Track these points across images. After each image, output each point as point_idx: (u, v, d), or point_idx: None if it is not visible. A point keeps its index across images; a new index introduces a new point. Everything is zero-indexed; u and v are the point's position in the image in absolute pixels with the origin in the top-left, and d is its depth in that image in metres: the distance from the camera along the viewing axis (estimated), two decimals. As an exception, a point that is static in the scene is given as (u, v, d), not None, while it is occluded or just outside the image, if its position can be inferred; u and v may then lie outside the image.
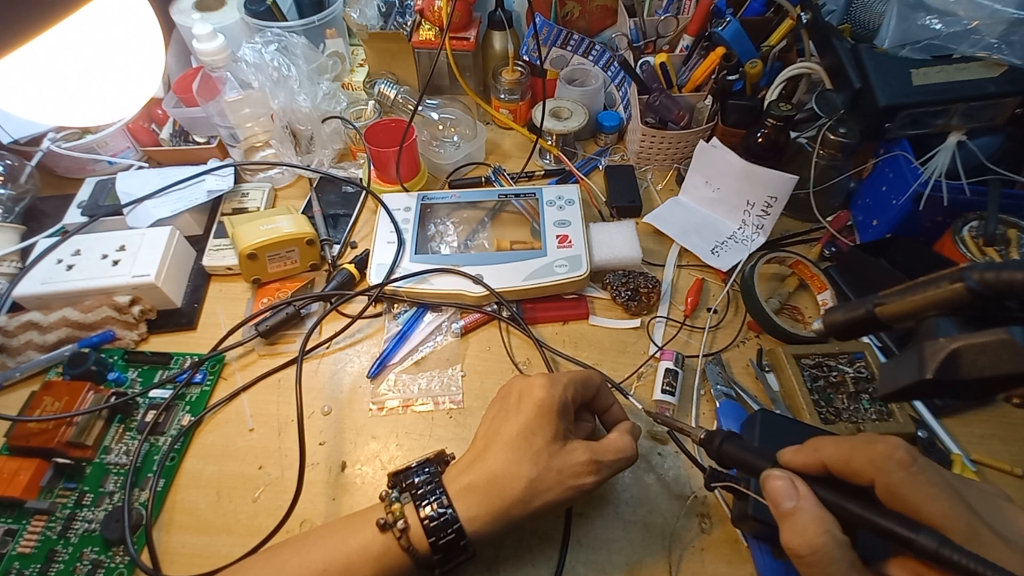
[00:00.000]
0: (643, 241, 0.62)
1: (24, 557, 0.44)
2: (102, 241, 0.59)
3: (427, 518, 0.35)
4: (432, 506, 0.36)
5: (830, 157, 0.62)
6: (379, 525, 0.35)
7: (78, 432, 0.48)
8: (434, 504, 0.36)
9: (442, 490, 0.36)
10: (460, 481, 0.37)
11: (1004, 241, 0.55)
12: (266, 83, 0.65)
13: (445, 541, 0.35)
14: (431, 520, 0.35)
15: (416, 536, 0.35)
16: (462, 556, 0.36)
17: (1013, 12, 0.51)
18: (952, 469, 0.46)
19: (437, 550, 0.35)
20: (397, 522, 0.35)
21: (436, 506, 0.35)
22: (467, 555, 0.36)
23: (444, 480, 0.37)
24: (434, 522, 0.35)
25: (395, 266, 0.59)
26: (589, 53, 0.75)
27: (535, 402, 0.39)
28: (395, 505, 0.36)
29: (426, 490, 0.37)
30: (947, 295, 0.29)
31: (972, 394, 0.29)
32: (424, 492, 0.36)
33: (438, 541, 0.35)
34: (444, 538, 0.35)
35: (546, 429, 0.38)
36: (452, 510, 0.35)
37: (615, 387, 0.51)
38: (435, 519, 0.35)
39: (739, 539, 0.44)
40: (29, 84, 0.35)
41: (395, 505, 0.36)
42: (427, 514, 0.35)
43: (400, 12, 0.76)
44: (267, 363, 0.56)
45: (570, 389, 0.40)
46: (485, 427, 0.41)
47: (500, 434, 0.39)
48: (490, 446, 0.39)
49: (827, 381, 0.52)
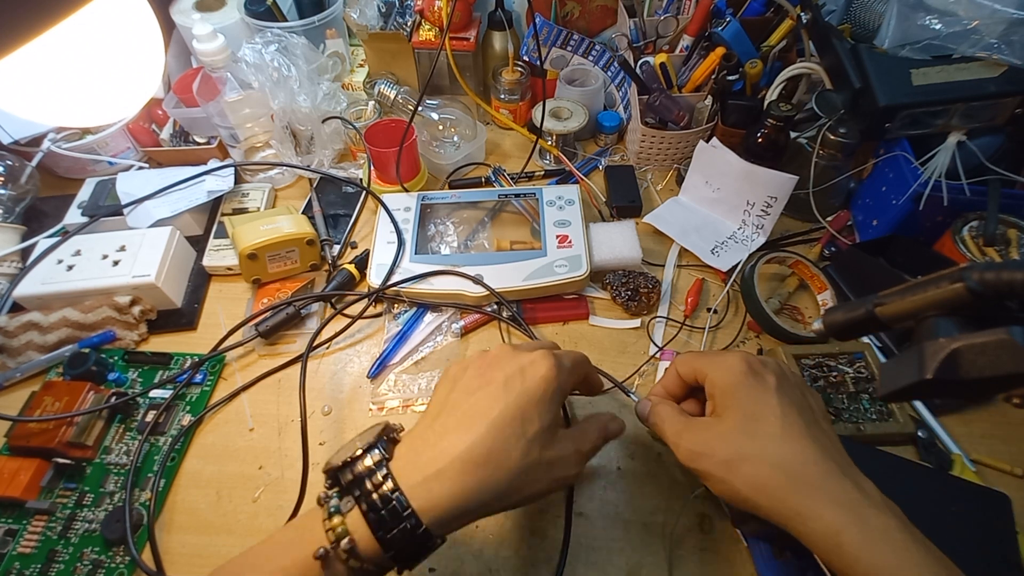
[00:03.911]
0: (643, 241, 0.62)
1: (24, 557, 0.44)
2: (102, 241, 0.59)
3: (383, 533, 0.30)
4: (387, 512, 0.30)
5: (830, 157, 0.62)
6: (317, 558, 0.29)
7: (78, 432, 0.48)
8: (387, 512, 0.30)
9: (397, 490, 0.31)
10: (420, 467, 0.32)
11: (1004, 241, 0.55)
12: (266, 83, 0.65)
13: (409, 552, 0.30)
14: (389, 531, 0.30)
15: (368, 548, 0.30)
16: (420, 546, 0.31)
17: (1013, 12, 0.51)
18: (952, 469, 0.46)
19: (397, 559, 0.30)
20: (341, 541, 0.29)
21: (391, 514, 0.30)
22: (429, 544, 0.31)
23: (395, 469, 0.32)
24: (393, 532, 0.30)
25: (395, 266, 0.59)
26: (589, 53, 0.75)
27: (538, 384, 0.34)
28: (335, 520, 0.30)
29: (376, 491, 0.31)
30: (947, 295, 0.29)
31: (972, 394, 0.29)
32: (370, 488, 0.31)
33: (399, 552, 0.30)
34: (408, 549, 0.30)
35: (544, 416, 0.34)
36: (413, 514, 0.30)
37: (617, 386, 0.51)
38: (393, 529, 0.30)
39: (739, 539, 0.44)
40: (29, 84, 0.35)
41: (335, 520, 0.30)
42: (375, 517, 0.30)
43: (400, 12, 0.76)
44: (267, 363, 0.56)
45: (575, 373, 0.38)
46: (459, 397, 0.35)
47: (484, 413, 0.33)
48: (468, 425, 0.33)
49: (827, 381, 0.52)
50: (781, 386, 0.36)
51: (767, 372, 0.37)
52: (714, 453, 0.35)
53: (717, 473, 0.35)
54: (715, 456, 0.35)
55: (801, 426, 0.35)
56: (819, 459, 0.33)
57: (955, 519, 0.42)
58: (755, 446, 0.34)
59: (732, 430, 0.35)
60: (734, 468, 0.34)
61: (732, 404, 0.36)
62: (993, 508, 0.43)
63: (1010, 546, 0.41)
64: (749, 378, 0.36)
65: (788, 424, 0.34)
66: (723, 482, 0.35)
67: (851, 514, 0.31)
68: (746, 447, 0.34)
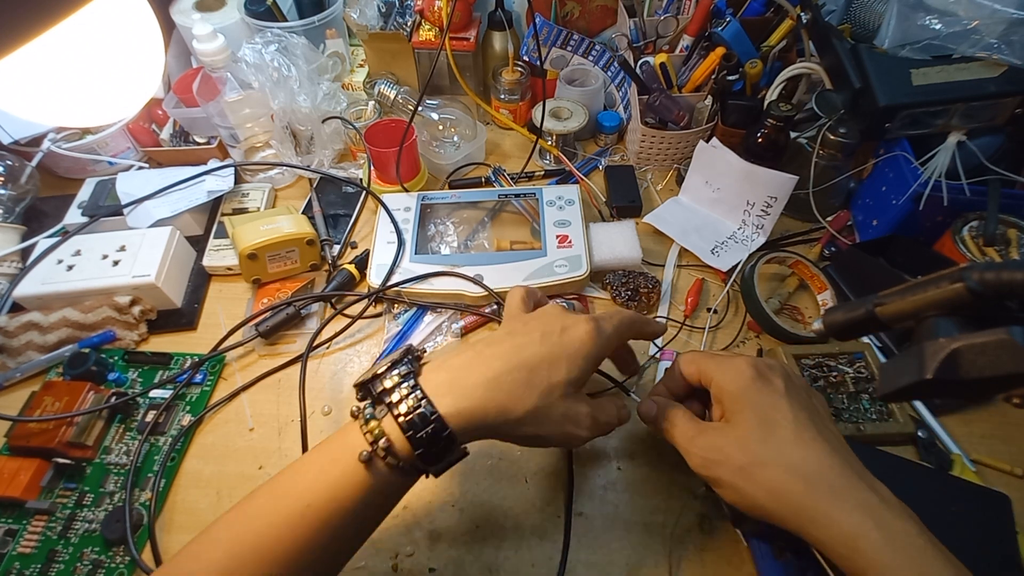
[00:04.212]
0: (643, 241, 0.62)
1: (24, 557, 0.44)
2: (102, 241, 0.59)
3: (412, 432, 0.33)
4: (416, 416, 0.33)
5: (830, 157, 0.62)
6: (362, 461, 0.33)
7: (78, 432, 0.48)
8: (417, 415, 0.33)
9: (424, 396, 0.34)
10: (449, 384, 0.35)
11: (1004, 241, 0.55)
12: (266, 83, 0.65)
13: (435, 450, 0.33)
14: (418, 431, 0.33)
15: (402, 449, 0.33)
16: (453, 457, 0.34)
17: (1013, 12, 0.51)
18: (952, 469, 0.46)
19: (425, 458, 0.33)
20: (379, 441, 0.33)
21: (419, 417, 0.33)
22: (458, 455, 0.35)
23: (425, 384, 0.35)
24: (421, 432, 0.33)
25: (395, 266, 0.59)
26: (589, 53, 0.75)
27: (573, 342, 0.37)
28: (372, 424, 0.33)
29: (405, 397, 0.34)
30: (947, 295, 0.29)
31: (972, 394, 0.29)
32: (401, 399, 0.34)
33: (427, 451, 0.33)
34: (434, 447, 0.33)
35: (571, 371, 0.36)
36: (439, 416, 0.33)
37: (618, 386, 0.51)
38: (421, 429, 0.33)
39: (739, 539, 0.44)
40: (29, 84, 0.35)
41: (372, 424, 0.33)
42: (412, 428, 0.33)
43: (400, 12, 0.76)
44: (267, 363, 0.56)
45: (613, 340, 0.39)
46: (500, 336, 0.38)
47: (520, 355, 0.36)
48: (502, 357, 0.36)
49: (827, 381, 0.52)
50: (789, 390, 0.36)
51: (775, 376, 0.37)
52: (729, 460, 0.35)
53: (732, 480, 0.34)
54: (730, 463, 0.35)
55: (813, 430, 0.35)
56: (834, 463, 0.33)
57: (955, 519, 0.42)
58: (770, 451, 0.34)
59: (746, 436, 0.35)
60: (750, 475, 0.34)
61: (743, 409, 0.36)
62: (993, 508, 0.43)
63: (1010, 546, 0.41)
64: (758, 382, 0.36)
65: (801, 428, 0.34)
66: (737, 490, 0.34)
67: (870, 518, 0.31)
68: (761, 453, 0.34)
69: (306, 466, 0.35)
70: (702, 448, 0.36)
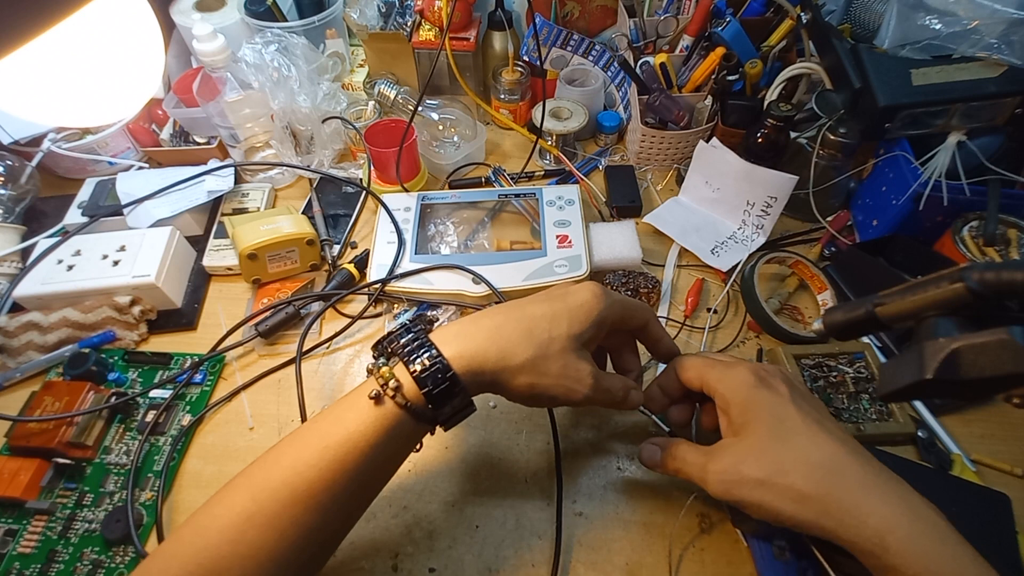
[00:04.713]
0: (643, 241, 0.62)
1: (24, 557, 0.44)
2: (102, 241, 0.59)
3: (417, 371, 0.34)
4: (422, 360, 0.34)
5: (830, 157, 0.62)
6: (372, 397, 0.34)
7: (78, 432, 0.48)
8: (424, 358, 0.34)
9: (430, 343, 0.35)
10: (453, 334, 0.36)
11: (1004, 241, 0.55)
12: (266, 83, 0.65)
13: (439, 390, 0.34)
14: (423, 372, 0.34)
15: (410, 391, 0.34)
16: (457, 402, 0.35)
17: (1013, 12, 0.51)
18: (952, 469, 0.46)
19: (432, 399, 0.34)
20: (388, 382, 0.34)
21: (427, 359, 0.34)
22: (464, 402, 0.36)
23: (432, 337, 0.36)
24: (425, 373, 0.34)
25: (395, 266, 0.59)
26: (589, 53, 0.75)
27: (577, 299, 0.38)
28: (383, 369, 0.35)
29: (413, 347, 0.35)
30: (947, 295, 0.29)
31: (972, 394, 0.29)
32: (412, 349, 0.35)
33: (432, 391, 0.34)
34: (438, 387, 0.34)
35: (573, 325, 0.37)
36: (443, 359, 0.34)
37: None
38: (426, 370, 0.34)
39: (739, 539, 0.44)
40: (29, 84, 0.35)
41: (383, 369, 0.35)
42: (417, 368, 0.34)
43: (400, 12, 0.76)
44: (267, 363, 0.56)
45: (617, 307, 0.39)
46: (507, 303, 0.40)
47: (523, 309, 0.37)
48: (505, 312, 0.38)
49: (827, 381, 0.52)
50: (794, 394, 0.36)
51: (777, 382, 0.37)
52: (747, 477, 0.34)
53: (755, 497, 0.34)
54: (749, 480, 0.34)
55: (825, 432, 0.35)
56: (853, 462, 0.33)
57: (955, 519, 0.42)
58: (788, 458, 0.34)
59: (760, 448, 0.35)
60: (772, 486, 0.33)
61: (752, 420, 0.36)
62: (993, 508, 0.43)
63: (1010, 546, 0.41)
64: (762, 391, 0.36)
65: (814, 430, 0.34)
66: (763, 505, 0.34)
67: (899, 513, 0.31)
68: (780, 461, 0.34)
69: (324, 415, 0.36)
70: (717, 474, 0.36)
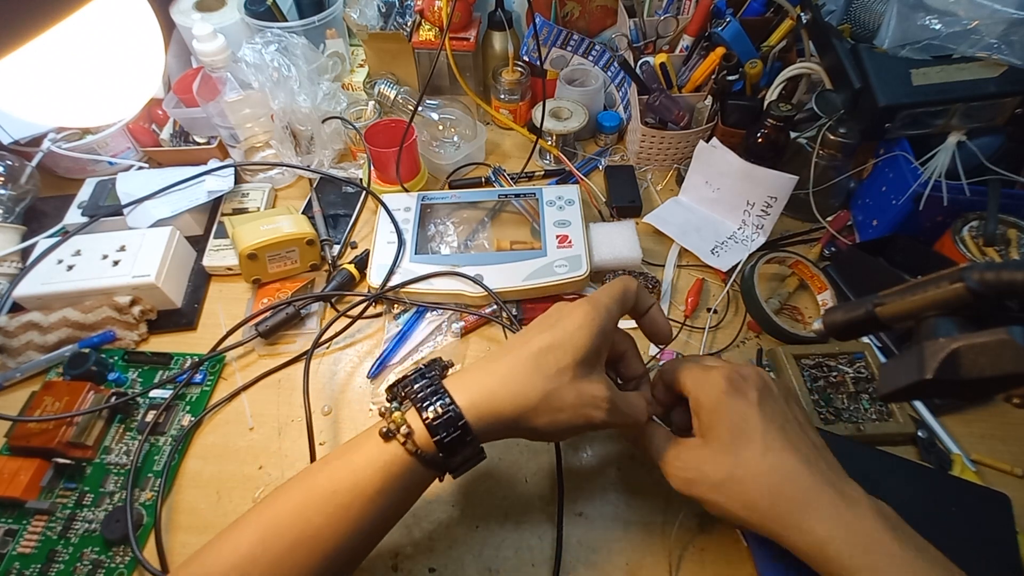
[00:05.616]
0: (643, 241, 0.62)
1: (24, 557, 0.44)
2: (102, 241, 0.59)
3: (430, 418, 0.34)
4: (436, 408, 0.34)
5: (830, 157, 0.62)
6: (382, 434, 0.34)
7: (78, 432, 0.48)
8: (437, 406, 0.34)
9: (444, 391, 0.35)
10: (466, 383, 0.36)
11: (1004, 241, 0.55)
12: (266, 83, 0.65)
13: (451, 439, 0.34)
14: (435, 419, 0.34)
15: (421, 438, 0.34)
16: (469, 452, 0.35)
17: (1013, 12, 0.51)
18: (952, 469, 0.46)
19: (443, 448, 0.34)
20: (400, 428, 0.34)
21: (440, 407, 0.34)
22: (474, 451, 0.36)
23: (446, 383, 0.36)
24: (438, 420, 0.34)
25: (395, 266, 0.59)
26: (589, 53, 0.75)
27: (573, 323, 0.37)
28: (395, 414, 0.35)
29: (426, 393, 0.35)
30: (947, 295, 0.29)
31: (972, 394, 0.29)
32: (425, 395, 0.35)
33: (443, 439, 0.34)
34: (450, 436, 0.34)
35: (578, 351, 0.36)
36: (455, 407, 0.34)
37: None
38: (439, 418, 0.34)
39: (739, 539, 0.44)
40: (29, 84, 0.35)
41: (395, 414, 0.35)
42: (430, 415, 0.34)
43: (400, 12, 0.76)
44: (267, 363, 0.56)
45: (613, 310, 0.39)
46: (511, 340, 0.39)
47: (527, 344, 0.37)
48: (511, 353, 0.37)
49: (827, 381, 0.52)
50: (763, 400, 0.37)
51: (749, 387, 0.37)
52: (706, 478, 0.36)
53: (711, 497, 0.36)
54: (707, 481, 0.36)
55: (783, 440, 0.35)
56: (801, 473, 0.34)
57: (955, 519, 0.42)
58: (740, 466, 0.35)
59: (718, 452, 0.36)
60: (725, 490, 0.35)
61: (716, 424, 0.37)
62: (993, 508, 0.43)
63: (1010, 546, 0.41)
64: (731, 396, 0.37)
65: (770, 440, 0.35)
66: (718, 505, 0.36)
67: (835, 525, 0.32)
68: (732, 468, 0.35)
69: (334, 457, 0.36)
70: (680, 469, 0.38)
